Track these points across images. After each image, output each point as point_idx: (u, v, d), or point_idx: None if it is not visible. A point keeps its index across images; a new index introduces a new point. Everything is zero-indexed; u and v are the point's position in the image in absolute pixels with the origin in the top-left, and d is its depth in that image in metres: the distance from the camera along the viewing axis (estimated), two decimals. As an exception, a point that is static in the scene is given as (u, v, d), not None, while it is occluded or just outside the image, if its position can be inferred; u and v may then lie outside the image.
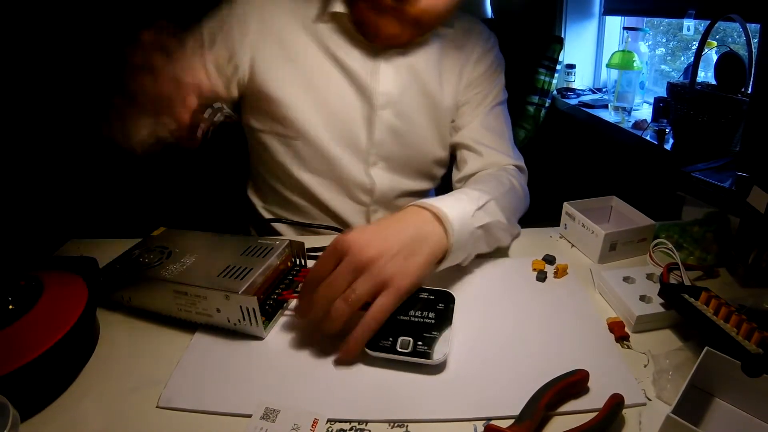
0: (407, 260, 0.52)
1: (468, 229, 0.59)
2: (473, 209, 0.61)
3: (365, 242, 0.51)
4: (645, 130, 1.24)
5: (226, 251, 0.60)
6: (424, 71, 0.79)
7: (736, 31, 1.26)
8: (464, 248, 0.59)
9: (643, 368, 0.50)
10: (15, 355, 0.45)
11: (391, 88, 0.77)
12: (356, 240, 0.51)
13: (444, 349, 0.49)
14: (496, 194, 0.67)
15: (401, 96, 0.78)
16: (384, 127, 0.79)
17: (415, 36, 0.76)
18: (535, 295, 0.62)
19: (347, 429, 0.44)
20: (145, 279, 0.57)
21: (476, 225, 0.61)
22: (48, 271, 0.57)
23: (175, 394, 0.48)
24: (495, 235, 0.66)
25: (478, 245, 0.63)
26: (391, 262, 0.51)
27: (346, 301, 0.49)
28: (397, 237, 0.53)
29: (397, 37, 0.74)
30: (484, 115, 0.83)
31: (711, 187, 0.80)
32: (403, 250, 0.52)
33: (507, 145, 0.83)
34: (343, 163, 0.80)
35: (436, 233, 0.56)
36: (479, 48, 0.84)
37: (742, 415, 0.45)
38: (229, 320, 0.54)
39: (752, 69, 0.97)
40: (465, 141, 0.82)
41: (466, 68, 0.83)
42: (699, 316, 0.51)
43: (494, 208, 0.65)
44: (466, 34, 0.83)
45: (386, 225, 0.55)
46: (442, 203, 0.58)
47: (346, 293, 0.50)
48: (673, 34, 1.54)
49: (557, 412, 0.45)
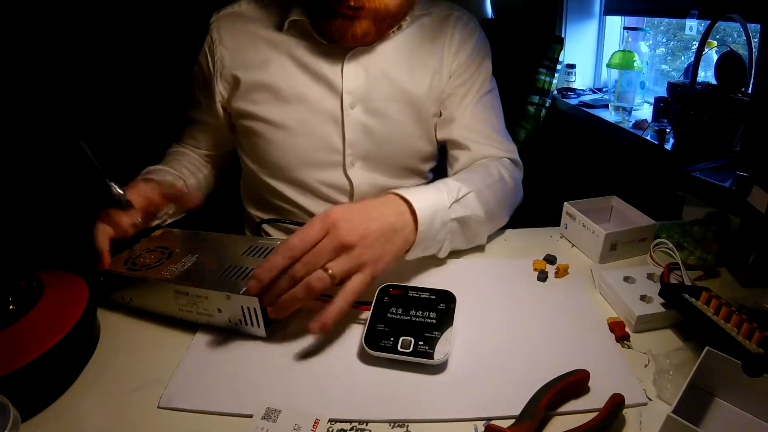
0: (383, 247, 0.55)
1: (439, 221, 0.61)
2: (450, 201, 0.63)
3: (352, 224, 0.53)
4: (645, 130, 1.24)
5: (226, 251, 0.60)
6: (394, 65, 0.78)
7: (736, 31, 1.26)
8: (433, 241, 0.62)
9: (643, 368, 0.50)
10: (16, 356, 0.45)
11: (355, 85, 0.77)
12: (343, 219, 0.53)
13: (445, 349, 0.49)
14: (479, 186, 0.67)
15: (369, 92, 0.77)
16: (355, 126, 0.78)
17: (382, 32, 0.75)
18: (536, 295, 0.62)
19: (348, 429, 0.44)
20: (146, 280, 0.57)
21: (451, 217, 0.62)
22: (48, 271, 0.57)
23: (176, 395, 0.48)
24: (472, 229, 0.67)
25: (453, 238, 0.65)
26: (371, 247, 0.54)
27: (325, 275, 0.51)
28: (379, 223, 0.55)
29: (363, 38, 0.73)
30: (472, 108, 0.80)
31: (711, 187, 0.79)
32: (381, 238, 0.55)
33: (498, 137, 0.81)
34: (320, 168, 0.80)
35: (409, 225, 0.59)
36: (457, 35, 0.81)
37: (742, 414, 0.45)
38: (230, 320, 0.54)
39: (752, 69, 0.97)
40: (453, 137, 0.80)
41: (445, 58, 0.81)
42: (699, 316, 0.51)
43: (473, 200, 0.66)
44: (443, 22, 0.81)
45: (370, 209, 0.57)
46: (418, 195, 0.60)
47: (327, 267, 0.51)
48: (673, 33, 1.54)
49: (558, 412, 0.45)
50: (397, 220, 0.57)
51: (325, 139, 0.78)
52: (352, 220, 0.53)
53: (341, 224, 0.52)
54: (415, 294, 0.56)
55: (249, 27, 0.79)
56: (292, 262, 0.50)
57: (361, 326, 0.55)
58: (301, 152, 0.79)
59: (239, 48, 0.78)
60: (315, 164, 0.79)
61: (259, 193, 0.86)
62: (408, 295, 0.56)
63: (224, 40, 0.79)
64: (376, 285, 0.58)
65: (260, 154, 0.81)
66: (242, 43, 0.78)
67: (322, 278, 0.50)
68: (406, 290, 0.57)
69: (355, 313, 0.57)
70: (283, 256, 0.50)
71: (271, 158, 0.80)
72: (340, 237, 0.51)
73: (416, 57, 0.80)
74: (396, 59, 0.78)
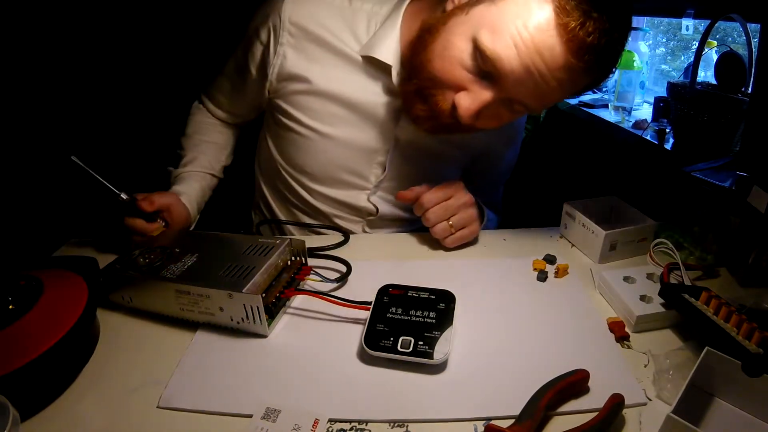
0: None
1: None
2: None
3: (468, 195, 0.71)
4: (645, 130, 1.24)
5: (227, 250, 0.60)
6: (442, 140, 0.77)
7: (736, 31, 1.26)
8: None
9: (643, 368, 0.50)
10: (15, 355, 0.45)
11: (412, 137, 0.75)
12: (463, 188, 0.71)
13: (445, 349, 0.49)
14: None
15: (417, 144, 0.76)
16: (395, 168, 0.77)
17: (434, 132, 0.70)
18: (536, 295, 0.62)
19: (348, 429, 0.44)
20: (147, 279, 0.57)
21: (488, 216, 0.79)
22: (48, 271, 0.57)
23: (175, 394, 0.48)
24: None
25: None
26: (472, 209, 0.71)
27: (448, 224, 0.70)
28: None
29: (416, 122, 0.69)
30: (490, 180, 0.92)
31: (711, 186, 0.80)
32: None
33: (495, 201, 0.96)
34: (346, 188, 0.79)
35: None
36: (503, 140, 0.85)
37: (742, 414, 0.45)
38: (233, 319, 0.54)
39: (752, 69, 0.97)
40: None
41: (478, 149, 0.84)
42: (699, 316, 0.51)
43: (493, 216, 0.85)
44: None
45: None
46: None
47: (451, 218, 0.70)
48: (673, 33, 1.53)
49: (557, 412, 0.45)
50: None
51: (362, 166, 0.77)
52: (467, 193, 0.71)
53: (461, 192, 0.70)
54: (414, 294, 0.56)
55: (325, 27, 0.71)
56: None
57: (361, 326, 0.55)
58: (332, 170, 0.77)
59: (310, 46, 0.71)
60: (341, 183, 0.79)
61: (274, 179, 0.84)
62: (408, 294, 0.56)
63: (292, 28, 0.71)
64: (375, 285, 0.58)
65: (291, 152, 0.78)
66: (315, 42, 0.71)
67: (446, 225, 0.70)
68: (406, 290, 0.57)
69: (355, 313, 0.57)
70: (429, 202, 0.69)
71: (299, 160, 0.78)
72: (462, 201, 0.70)
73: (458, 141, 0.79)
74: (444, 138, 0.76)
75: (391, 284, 0.58)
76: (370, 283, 0.58)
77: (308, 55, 0.72)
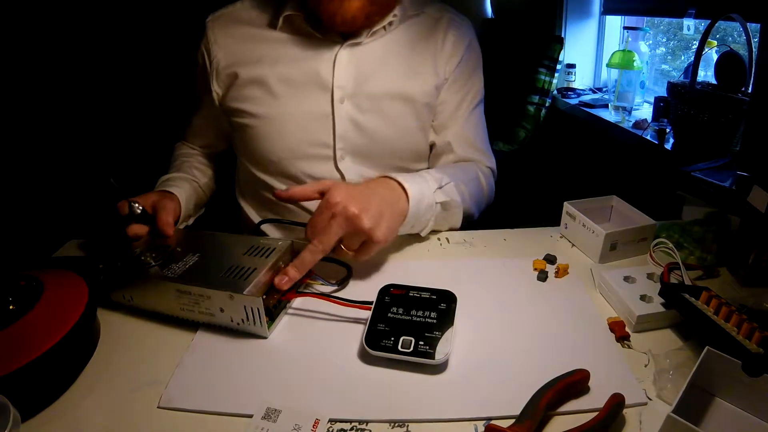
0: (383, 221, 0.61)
1: (426, 204, 0.68)
2: (434, 188, 0.70)
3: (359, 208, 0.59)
4: (645, 130, 1.24)
5: (228, 251, 0.60)
6: (385, 62, 0.79)
7: (736, 31, 1.26)
8: (419, 220, 0.69)
9: (643, 368, 0.50)
10: (15, 356, 0.45)
11: (346, 80, 0.77)
12: (346, 197, 0.59)
13: (446, 349, 0.49)
14: (457, 180, 0.75)
15: (359, 88, 0.78)
16: (345, 121, 0.78)
17: (371, 19, 0.75)
18: (536, 294, 0.62)
19: (348, 429, 0.44)
20: (148, 279, 0.57)
21: (436, 201, 0.70)
22: (48, 271, 0.57)
23: (176, 394, 0.48)
24: (451, 213, 0.74)
25: (436, 219, 0.72)
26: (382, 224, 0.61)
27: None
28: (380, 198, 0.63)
29: (352, 20, 0.72)
30: (464, 120, 0.85)
31: (711, 186, 0.79)
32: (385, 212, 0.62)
33: (483, 149, 0.87)
34: (311, 161, 0.80)
35: (402, 202, 0.66)
36: (451, 37, 0.82)
37: (742, 414, 0.45)
38: (233, 320, 0.54)
39: (752, 68, 0.97)
40: (442, 142, 0.85)
41: (439, 62, 0.81)
42: (699, 316, 0.51)
43: (453, 189, 0.73)
44: (435, 22, 0.82)
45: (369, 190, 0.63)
46: (409, 179, 0.67)
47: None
48: (673, 33, 1.54)
49: (558, 412, 0.45)
50: (392, 195, 0.65)
51: (316, 132, 0.79)
52: (358, 205, 0.59)
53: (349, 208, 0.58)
54: (415, 294, 0.56)
55: (243, 27, 0.80)
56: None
57: (362, 326, 0.55)
58: (293, 145, 0.79)
59: (234, 47, 0.80)
60: (306, 158, 0.80)
61: (253, 189, 0.86)
62: (409, 295, 0.56)
63: (219, 40, 0.81)
64: (377, 285, 0.58)
65: (252, 149, 0.82)
66: (237, 42, 0.80)
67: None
68: (407, 290, 0.57)
69: (356, 313, 0.57)
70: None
71: (263, 152, 0.80)
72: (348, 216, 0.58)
73: (408, 56, 0.80)
74: (387, 57, 0.79)
75: (392, 284, 0.58)
76: (371, 283, 0.59)
77: (234, 53, 0.80)
